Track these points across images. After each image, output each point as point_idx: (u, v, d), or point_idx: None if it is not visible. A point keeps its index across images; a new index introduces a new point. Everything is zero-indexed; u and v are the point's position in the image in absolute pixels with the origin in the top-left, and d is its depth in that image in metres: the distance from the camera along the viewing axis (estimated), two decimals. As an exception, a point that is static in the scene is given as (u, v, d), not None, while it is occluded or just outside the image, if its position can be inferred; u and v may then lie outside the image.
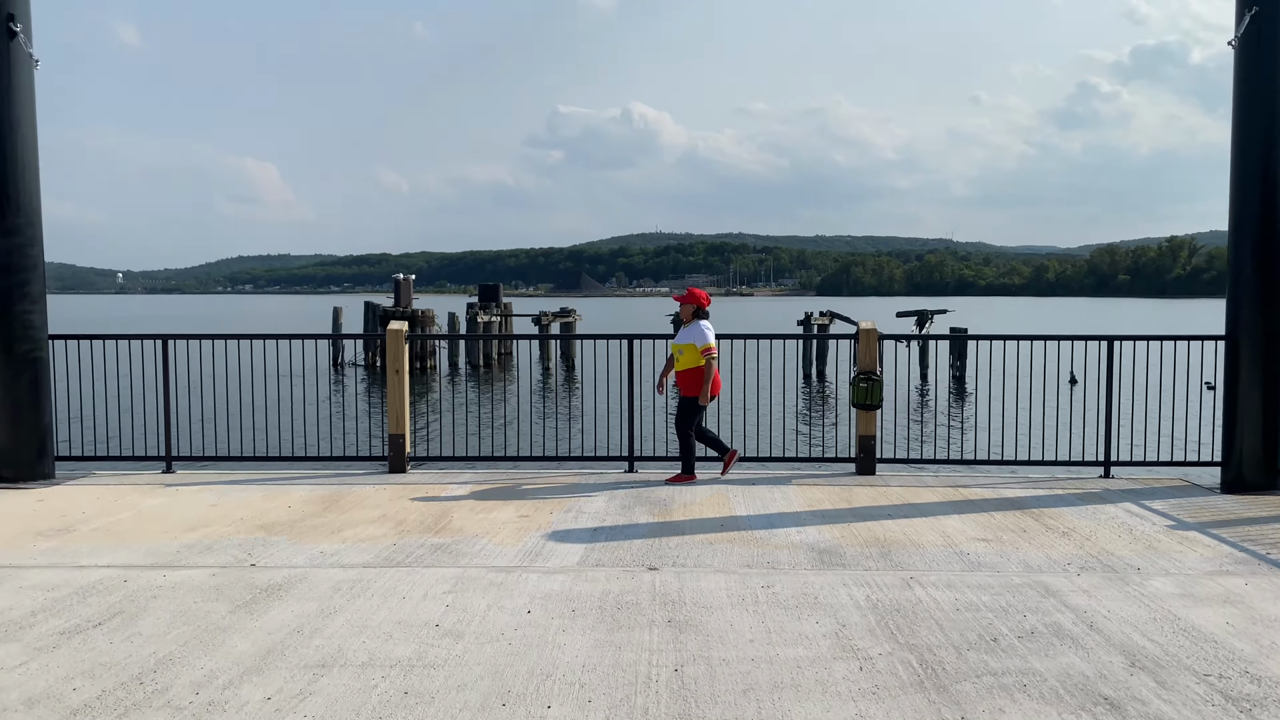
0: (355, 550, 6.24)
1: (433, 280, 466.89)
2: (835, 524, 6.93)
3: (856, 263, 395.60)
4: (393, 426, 8.91)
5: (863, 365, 8.81)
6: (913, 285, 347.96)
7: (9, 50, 8.30)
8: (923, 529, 6.79)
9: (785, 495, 7.88)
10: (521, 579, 5.58)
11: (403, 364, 8.91)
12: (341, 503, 7.67)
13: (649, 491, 8.03)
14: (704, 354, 8.44)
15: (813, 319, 36.51)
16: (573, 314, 43.80)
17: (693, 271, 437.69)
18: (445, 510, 7.37)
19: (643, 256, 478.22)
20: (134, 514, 7.33)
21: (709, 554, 6.11)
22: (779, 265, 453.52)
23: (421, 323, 40.52)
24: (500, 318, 43.80)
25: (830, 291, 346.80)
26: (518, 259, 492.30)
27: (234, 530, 6.81)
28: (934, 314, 35.89)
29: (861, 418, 8.82)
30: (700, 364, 8.46)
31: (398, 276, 41.96)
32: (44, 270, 8.69)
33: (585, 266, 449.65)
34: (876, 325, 8.92)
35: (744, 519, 7.06)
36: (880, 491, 8.04)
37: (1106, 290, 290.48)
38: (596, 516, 7.14)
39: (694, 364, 8.49)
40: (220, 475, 8.84)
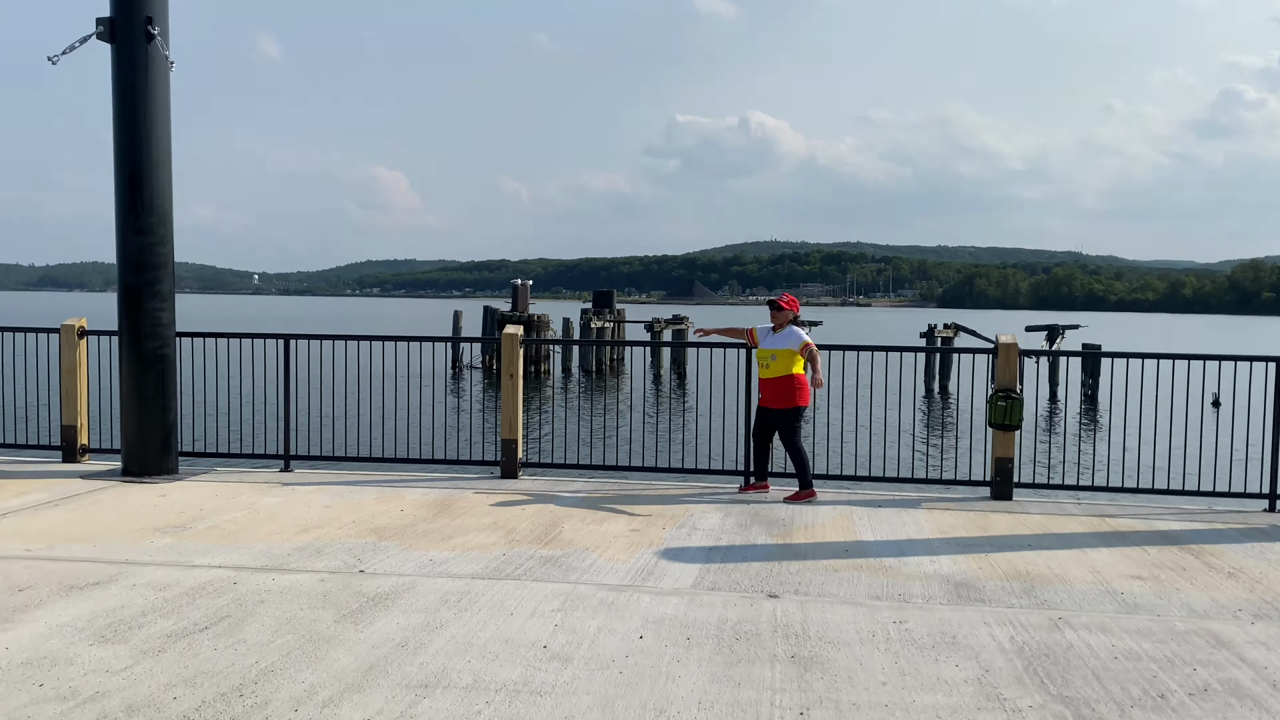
0: (464, 559, 6.06)
1: (549, 286, 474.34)
2: (971, 554, 6.42)
3: (980, 274, 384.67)
4: (506, 431, 8.76)
5: (1001, 382, 8.24)
6: (1039, 299, 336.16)
7: (147, 53, 8.48)
8: (1068, 562, 6.22)
9: (914, 520, 7.39)
10: (633, 599, 5.29)
11: (517, 369, 8.76)
12: (453, 508, 7.53)
13: (767, 509, 7.65)
14: (804, 350, 8.08)
15: (937, 331, 35.34)
16: (685, 321, 43.54)
17: (808, 280, 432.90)
18: (555, 520, 7.15)
19: (757, 265, 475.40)
20: (249, 513, 7.33)
21: (834, 582, 5.71)
22: (898, 275, 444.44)
23: (537, 328, 40.91)
24: (614, 324, 43.87)
25: (952, 303, 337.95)
26: (632, 266, 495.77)
27: (345, 533, 6.72)
28: (1065, 329, 34.28)
29: (998, 438, 8.24)
30: (796, 370, 8.08)
31: (515, 282, 42.47)
32: (174, 269, 8.85)
33: (698, 274, 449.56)
34: (1017, 339, 8.34)
35: (870, 545, 6.61)
36: (1019, 519, 7.47)
37: (1249, 308, 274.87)
38: (711, 534, 6.80)
39: (788, 370, 8.08)
40: (336, 475, 8.84)
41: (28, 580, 5.50)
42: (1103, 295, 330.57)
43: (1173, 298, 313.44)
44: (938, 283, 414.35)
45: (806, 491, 8.12)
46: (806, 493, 8.11)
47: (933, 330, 35.66)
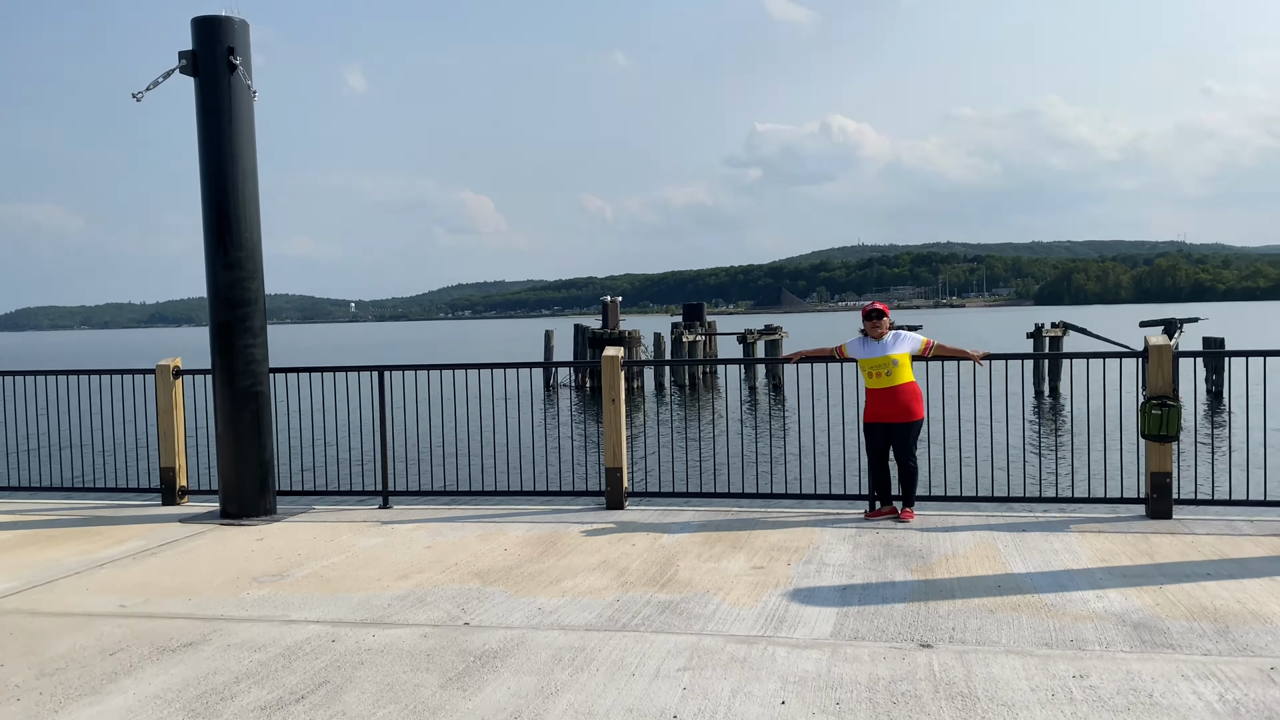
0: (575, 607, 5.57)
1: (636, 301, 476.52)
2: (1142, 586, 5.67)
3: (1078, 269, 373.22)
4: (609, 459, 8.28)
5: (1154, 388, 7.42)
6: (1142, 292, 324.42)
7: (230, 84, 8.27)
8: (1261, 595, 5.43)
9: (1067, 546, 6.64)
10: (768, 654, 4.71)
11: (619, 392, 8.27)
12: (559, 545, 7.06)
13: (898, 538, 6.99)
14: (928, 349, 7.62)
15: (1044, 332, 33.80)
16: (779, 330, 42.70)
17: (898, 284, 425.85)
18: (669, 557, 6.62)
19: (844, 270, 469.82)
20: (348, 557, 6.98)
21: (993, 626, 5.04)
22: (992, 274, 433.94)
23: (629, 344, 40.58)
24: (705, 336, 43.27)
25: (1050, 300, 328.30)
26: (718, 277, 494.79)
27: (448, 578, 6.30)
28: (1183, 323, 32.42)
29: (1153, 450, 7.43)
30: (911, 378, 7.58)
31: (605, 299, 42.25)
32: (264, 304, 8.62)
33: (785, 283, 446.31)
34: (1171, 342, 7.52)
35: (1024, 578, 5.91)
36: (1187, 542, 6.65)
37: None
38: (843, 571, 6.18)
39: (908, 378, 7.54)
40: (435, 511, 8.46)
41: (120, 641, 5.20)
42: (1210, 285, 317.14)
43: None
44: (1034, 280, 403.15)
45: (910, 512, 7.51)
46: (910, 513, 7.50)
47: (1040, 330, 34.13)
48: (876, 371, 7.53)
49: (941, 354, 7.68)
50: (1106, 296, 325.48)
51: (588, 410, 29.94)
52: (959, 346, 7.79)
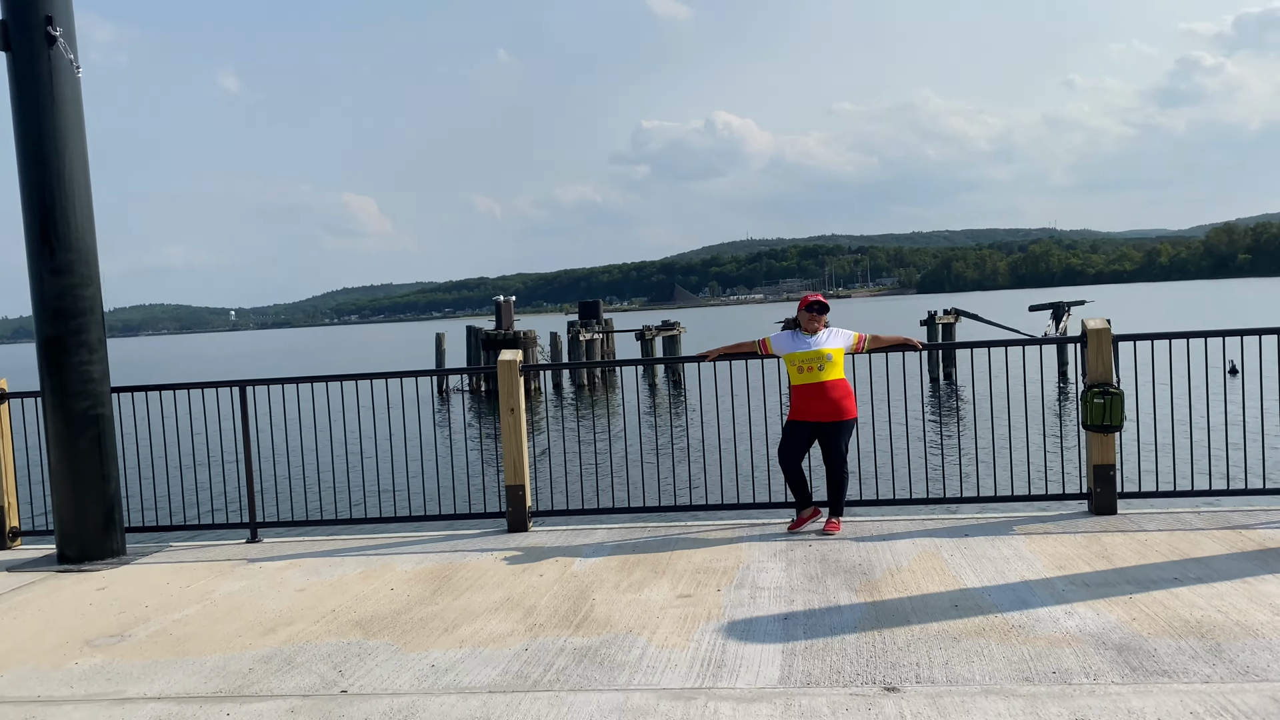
0: (476, 661, 4.71)
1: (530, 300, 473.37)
2: (1110, 597, 5.11)
3: (957, 257, 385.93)
4: (510, 476, 7.41)
5: (1095, 376, 6.94)
6: (1018, 278, 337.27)
7: (49, 58, 7.11)
8: (1239, 601, 4.92)
9: (1017, 551, 6.07)
10: (710, 712, 3.95)
11: (519, 401, 7.41)
12: (455, 580, 6.17)
13: (834, 551, 6.33)
14: (861, 343, 7.04)
15: (937, 319, 34.13)
16: (677, 326, 42.25)
17: (786, 276, 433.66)
18: (584, 588, 5.81)
19: (735, 264, 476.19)
20: (204, 607, 5.96)
21: (961, 659, 4.38)
22: (876, 265, 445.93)
23: (525, 345, 39.53)
24: (602, 334, 42.52)
25: (931, 288, 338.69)
26: (611, 274, 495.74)
27: (324, 629, 5.36)
28: (1071, 306, 33.13)
29: (1096, 442, 6.95)
30: (843, 375, 6.93)
31: (498, 299, 41.07)
32: (103, 315, 7.47)
33: (678, 278, 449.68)
34: (1106, 323, 7.05)
35: (981, 594, 5.29)
36: (1141, 541, 6.16)
37: (1226, 271, 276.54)
38: (780, 595, 5.47)
39: (841, 374, 6.91)
40: (312, 545, 7.46)
41: (-104, 745, 4.12)
42: (1081, 269, 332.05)
43: (1150, 266, 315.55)
44: (915, 269, 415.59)
45: (837, 523, 6.88)
46: (837, 524, 6.87)
47: (933, 317, 34.45)
48: (807, 366, 6.86)
49: (878, 347, 7.06)
50: (985, 283, 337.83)
51: (484, 420, 28.64)
52: (896, 335, 7.19)
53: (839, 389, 6.87)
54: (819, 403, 6.85)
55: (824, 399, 6.84)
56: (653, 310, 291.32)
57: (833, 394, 6.85)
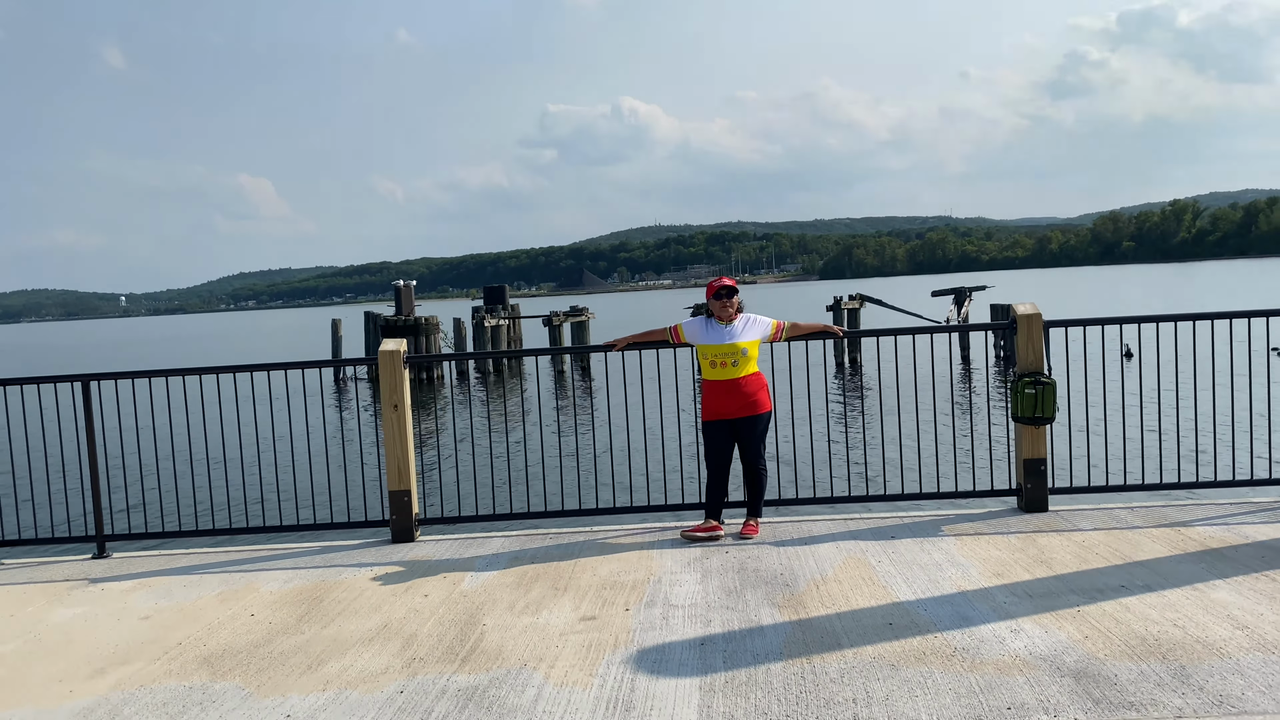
0: (342, 709, 3.98)
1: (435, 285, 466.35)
2: (1057, 611, 4.65)
3: (858, 244, 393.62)
4: (393, 481, 6.65)
5: (1026, 364, 6.52)
6: (915, 264, 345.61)
7: None
8: (1193, 612, 4.50)
9: (949, 556, 5.60)
10: (617, 773, 3.31)
11: (403, 396, 6.65)
12: (326, 603, 5.41)
13: (752, 559, 5.76)
14: (779, 332, 6.45)
15: (843, 304, 34.13)
16: (585, 312, 41.51)
17: (694, 263, 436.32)
18: (473, 610, 5.12)
19: (644, 250, 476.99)
20: (27, 641, 5.08)
21: (903, 692, 3.83)
22: (780, 251, 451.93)
23: (426, 331, 38.31)
24: (509, 320, 41.53)
25: (833, 275, 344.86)
26: (519, 259, 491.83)
27: (165, 669, 4.56)
28: (972, 291, 33.49)
29: (1026, 435, 6.53)
30: (758, 368, 6.39)
31: (398, 284, 39.68)
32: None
33: (587, 263, 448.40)
34: (1039, 308, 6.63)
35: (917, 609, 4.78)
36: (1078, 543, 5.75)
37: (1112, 258, 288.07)
38: (696, 614, 4.87)
39: (755, 368, 6.37)
40: (167, 560, 6.58)
41: None
42: (976, 256, 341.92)
43: (1041, 253, 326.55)
44: (818, 255, 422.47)
45: (755, 525, 6.34)
46: (755, 527, 6.33)
47: (839, 303, 34.44)
48: (721, 360, 6.26)
49: (797, 335, 6.51)
50: (884, 270, 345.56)
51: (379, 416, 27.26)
52: (815, 322, 6.65)
53: (753, 383, 6.31)
54: (731, 399, 6.27)
55: (738, 395, 6.27)
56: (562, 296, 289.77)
57: (747, 389, 6.28)
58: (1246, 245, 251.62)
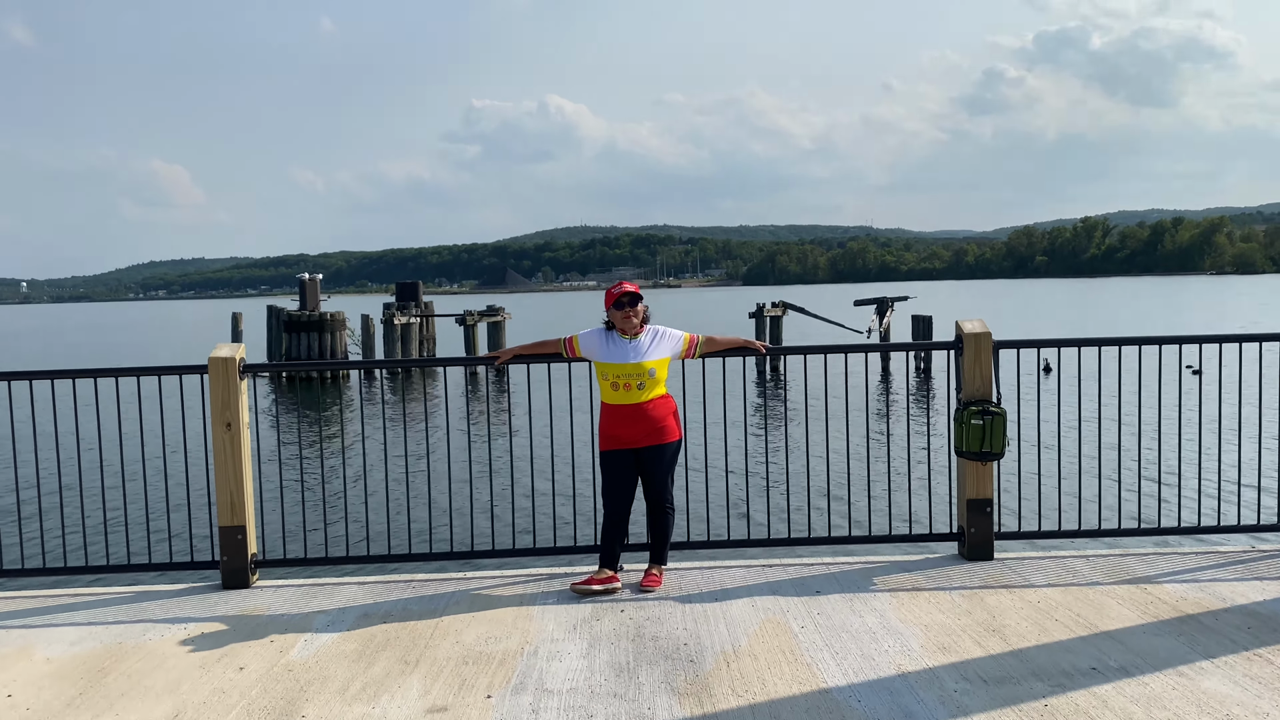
0: None
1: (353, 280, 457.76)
2: (1019, 704, 3.76)
3: (781, 251, 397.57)
4: (224, 515, 5.50)
5: (972, 391, 5.66)
6: (836, 272, 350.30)
7: None
8: (1182, 707, 3.66)
9: (883, 620, 4.69)
10: None
11: (239, 414, 5.50)
12: (113, 677, 4.27)
13: (652, 620, 4.79)
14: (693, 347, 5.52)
15: (765, 311, 33.50)
16: (501, 312, 40.22)
17: (619, 264, 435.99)
18: (294, 695, 4.03)
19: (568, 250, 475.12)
20: None
21: (836, 842, 2.88)
22: (705, 256, 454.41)
23: (332, 327, 36.63)
24: (420, 318, 40.03)
25: (756, 281, 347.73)
26: (441, 256, 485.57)
27: None
28: (894, 302, 33.17)
29: (971, 471, 5.67)
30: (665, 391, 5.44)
31: (303, 277, 37.86)
32: None
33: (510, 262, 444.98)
34: (986, 326, 5.77)
35: (845, 696, 3.85)
36: (1033, 604, 4.90)
37: (1025, 271, 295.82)
38: (575, 707, 3.86)
39: (663, 390, 5.42)
40: (-66, 610, 5.33)
41: None
42: (895, 266, 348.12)
43: (957, 265, 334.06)
44: (742, 261, 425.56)
45: (658, 576, 5.39)
46: (658, 577, 5.38)
47: (762, 310, 33.80)
48: (625, 382, 5.27)
49: (712, 350, 5.57)
50: (806, 277, 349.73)
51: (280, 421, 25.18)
52: (734, 336, 5.71)
53: (661, 408, 5.35)
54: (635, 425, 5.30)
55: (642, 421, 5.30)
56: (483, 294, 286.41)
57: (652, 414, 5.31)
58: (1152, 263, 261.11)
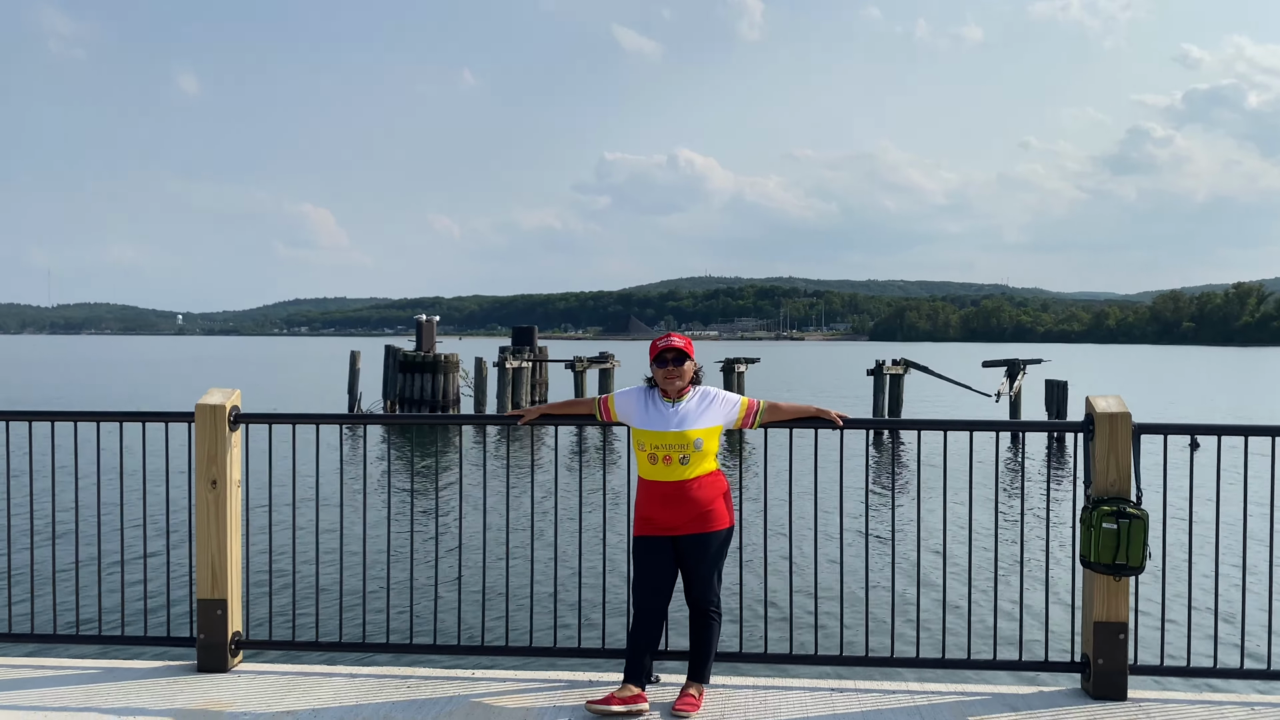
0: None
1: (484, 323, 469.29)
2: None
3: (910, 307, 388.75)
4: (203, 587, 4.79)
5: (1105, 487, 4.51)
6: (969, 331, 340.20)
7: None
8: None
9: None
10: None
11: (224, 468, 4.80)
12: (17, 788, 3.54)
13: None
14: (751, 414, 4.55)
15: (885, 368, 31.93)
16: (610, 359, 39.69)
17: (742, 315, 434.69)
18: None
19: (692, 300, 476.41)
20: None
21: None
22: (830, 309, 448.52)
23: (445, 369, 36.77)
24: (533, 363, 39.85)
25: (884, 336, 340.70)
26: (568, 302, 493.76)
27: None
28: (1027, 364, 31.12)
29: (1100, 588, 4.50)
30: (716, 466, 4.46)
31: (420, 318, 38.21)
32: None
33: (634, 310, 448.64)
34: (1125, 404, 4.61)
35: None
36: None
37: (1170, 338, 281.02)
38: None
39: (713, 465, 4.44)
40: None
41: None
42: (1031, 326, 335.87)
43: (1098, 328, 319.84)
44: (869, 316, 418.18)
45: (696, 698, 4.35)
46: (696, 700, 4.34)
47: (881, 367, 32.28)
48: (665, 454, 4.34)
49: (775, 420, 4.59)
50: (936, 334, 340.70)
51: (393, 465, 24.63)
52: (806, 404, 4.71)
53: (707, 487, 4.39)
54: (676, 508, 4.35)
55: (684, 502, 4.35)
56: (606, 340, 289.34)
57: (697, 495, 4.36)
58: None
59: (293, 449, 4.96)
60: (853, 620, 7.94)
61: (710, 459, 4.44)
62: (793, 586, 5.02)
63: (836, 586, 5.79)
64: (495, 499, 13.97)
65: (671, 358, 4.43)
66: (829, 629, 6.05)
